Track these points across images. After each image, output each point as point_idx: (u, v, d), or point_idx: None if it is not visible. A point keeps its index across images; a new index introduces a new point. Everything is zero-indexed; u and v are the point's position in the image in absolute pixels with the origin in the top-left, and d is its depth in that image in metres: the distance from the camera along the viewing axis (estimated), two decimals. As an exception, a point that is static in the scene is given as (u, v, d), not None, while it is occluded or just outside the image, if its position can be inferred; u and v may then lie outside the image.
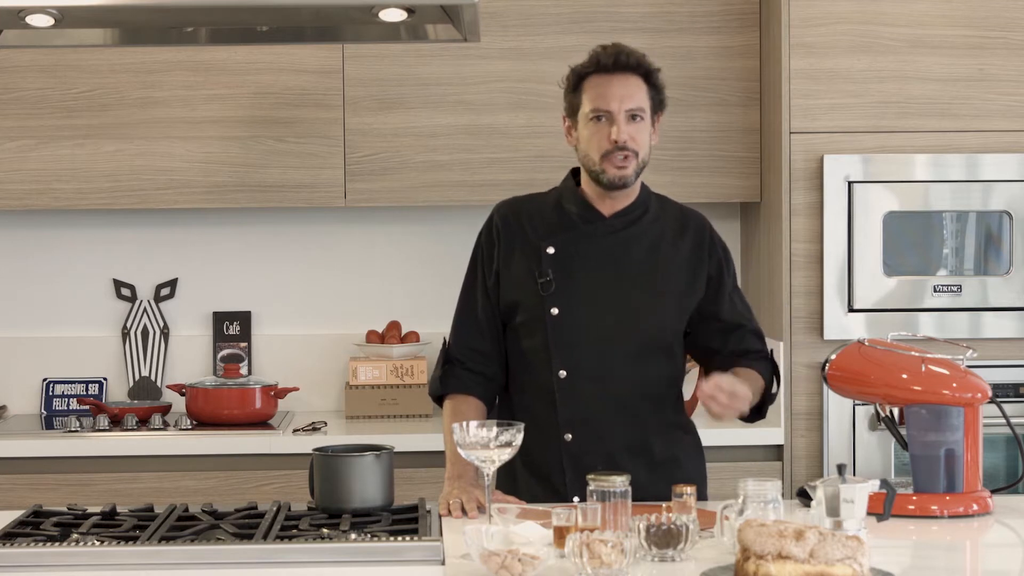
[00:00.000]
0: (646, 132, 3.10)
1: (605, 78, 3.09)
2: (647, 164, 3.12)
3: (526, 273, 3.15)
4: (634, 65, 3.10)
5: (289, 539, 2.65)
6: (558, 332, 3.12)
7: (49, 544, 2.61)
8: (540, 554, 2.43)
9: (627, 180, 3.09)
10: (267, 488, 3.97)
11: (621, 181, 3.09)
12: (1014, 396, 4.02)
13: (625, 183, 3.10)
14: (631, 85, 3.08)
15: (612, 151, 3.06)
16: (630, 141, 3.06)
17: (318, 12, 3.01)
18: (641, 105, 3.08)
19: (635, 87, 3.09)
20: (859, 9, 4.04)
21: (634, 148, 3.07)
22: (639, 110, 3.08)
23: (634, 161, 3.08)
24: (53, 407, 4.49)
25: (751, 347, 3.21)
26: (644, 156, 3.10)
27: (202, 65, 4.23)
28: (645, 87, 3.10)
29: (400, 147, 4.25)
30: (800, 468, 4.04)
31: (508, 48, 4.24)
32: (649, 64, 3.12)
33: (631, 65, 3.10)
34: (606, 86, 3.08)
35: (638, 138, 3.08)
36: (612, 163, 3.07)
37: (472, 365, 3.20)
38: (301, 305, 4.60)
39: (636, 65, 3.10)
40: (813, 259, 4.05)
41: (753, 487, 2.60)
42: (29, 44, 3.45)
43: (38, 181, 4.23)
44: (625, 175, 3.08)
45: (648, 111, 3.10)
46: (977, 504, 2.98)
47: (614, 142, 3.05)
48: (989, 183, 4.05)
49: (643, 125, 3.09)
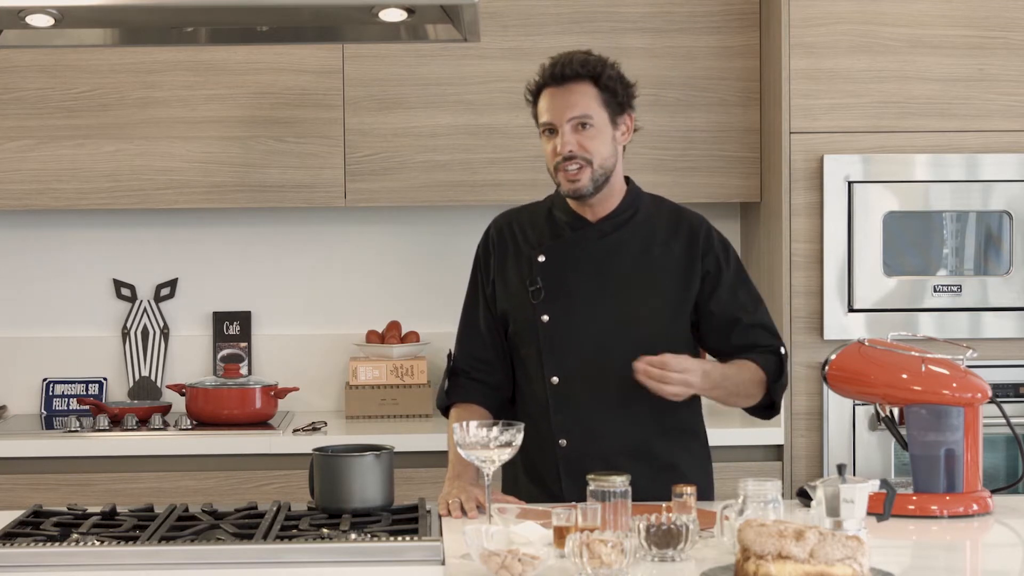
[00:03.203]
0: (598, 138, 3.06)
1: (552, 91, 3.08)
2: (610, 170, 3.08)
3: (519, 282, 3.16)
4: (580, 73, 3.06)
5: (289, 539, 2.65)
6: (549, 339, 3.12)
7: (49, 544, 2.61)
8: (540, 554, 2.43)
9: (582, 190, 3.07)
10: (267, 488, 3.97)
11: (575, 192, 3.07)
12: (1014, 396, 4.02)
13: (580, 194, 3.07)
14: (575, 93, 3.06)
15: (561, 162, 3.05)
16: (578, 150, 3.04)
17: (318, 12, 3.01)
18: (586, 112, 3.05)
19: (580, 94, 3.06)
20: (859, 9, 4.04)
21: (584, 156, 3.04)
22: (584, 117, 3.05)
23: (588, 170, 3.05)
24: (53, 407, 4.49)
25: (758, 342, 3.16)
26: (601, 162, 3.06)
27: (202, 65, 4.23)
28: (595, 91, 3.06)
29: (400, 147, 4.25)
30: (800, 468, 4.04)
31: (508, 48, 4.24)
32: (598, 67, 3.07)
33: (577, 73, 3.06)
34: (551, 98, 3.07)
35: (588, 146, 3.05)
36: (565, 174, 3.06)
37: (476, 375, 3.21)
38: (301, 305, 4.60)
39: (581, 73, 3.06)
40: (813, 259, 4.05)
41: (753, 487, 2.60)
42: (29, 44, 3.46)
43: (38, 181, 4.23)
44: (578, 187, 3.06)
45: (601, 115, 3.06)
46: (977, 504, 2.98)
47: (559, 154, 3.05)
48: (989, 183, 4.05)
49: (593, 132, 3.05)
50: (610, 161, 3.08)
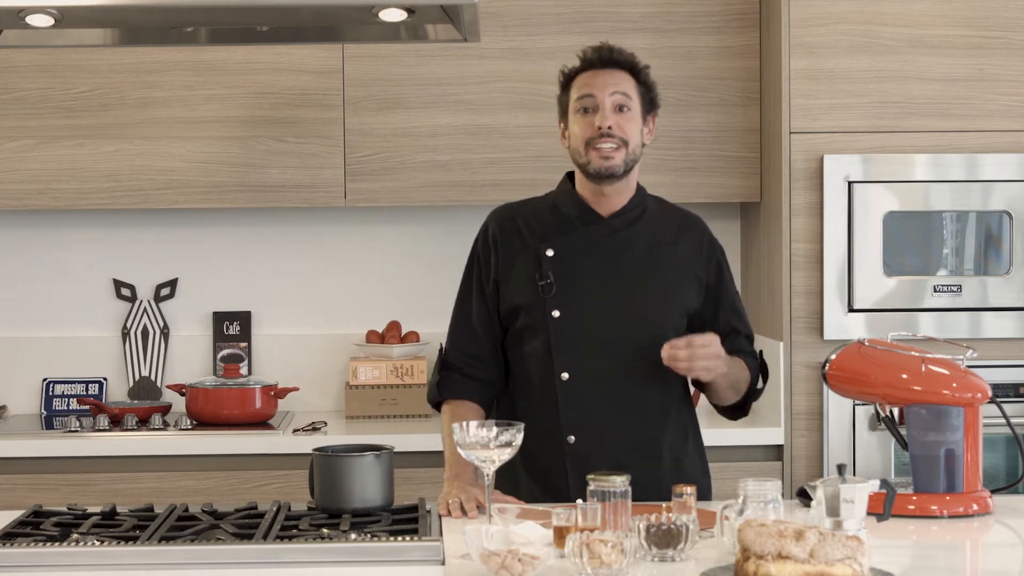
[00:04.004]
0: (635, 124, 3.09)
1: (592, 73, 3.11)
2: (638, 159, 3.11)
3: (526, 277, 3.15)
4: (621, 61, 3.12)
5: (289, 539, 2.65)
6: (560, 335, 3.12)
7: (49, 544, 2.61)
8: (540, 554, 2.43)
9: (614, 170, 3.07)
10: (267, 488, 3.97)
11: (608, 171, 3.07)
12: (1014, 396, 4.02)
13: (612, 173, 3.07)
14: (617, 76, 3.10)
15: (597, 137, 3.05)
16: (616, 128, 3.06)
17: (318, 12, 3.01)
18: (628, 93, 3.08)
19: (622, 79, 3.10)
20: (859, 9, 4.04)
21: (621, 136, 3.06)
22: (625, 98, 3.07)
23: (623, 151, 3.06)
24: (53, 407, 4.49)
25: (743, 349, 3.23)
26: (634, 147, 3.08)
27: (202, 65, 4.23)
28: (633, 82, 3.11)
29: (400, 147, 4.25)
30: (800, 468, 4.04)
31: (508, 48, 4.24)
32: (637, 62, 3.14)
33: (618, 61, 3.12)
34: (592, 78, 3.10)
35: (626, 127, 3.07)
36: (598, 152, 3.06)
37: (469, 371, 3.20)
38: (301, 305, 4.60)
39: (623, 61, 3.12)
40: (813, 259, 4.05)
41: (753, 487, 2.60)
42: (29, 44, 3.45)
43: (38, 181, 4.23)
44: (611, 165, 3.06)
45: (637, 104, 3.09)
46: (977, 504, 2.98)
47: (598, 128, 3.05)
48: (989, 183, 4.05)
49: (631, 116, 3.08)
50: (639, 151, 3.11)
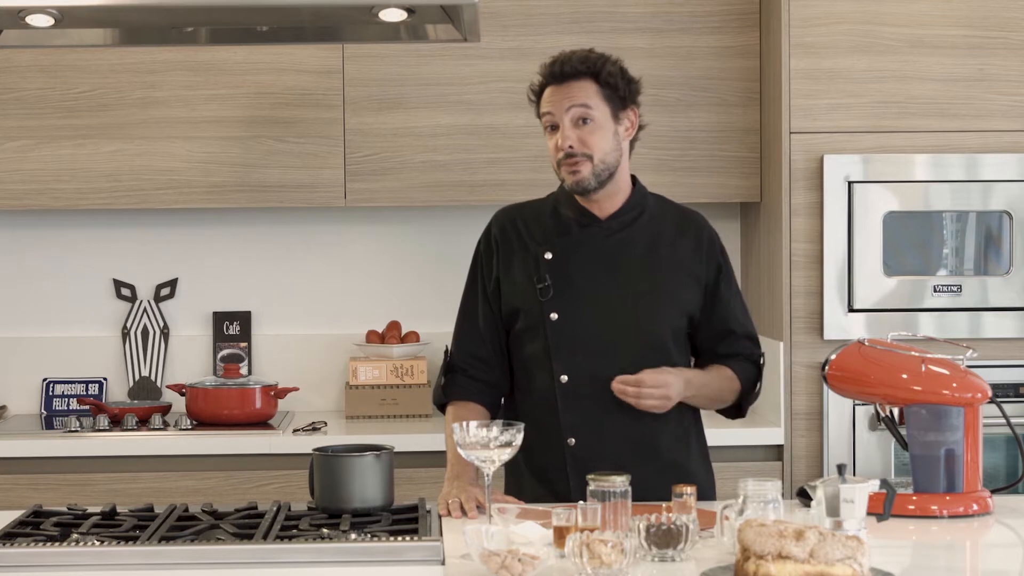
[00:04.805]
0: (599, 133, 3.07)
1: (553, 88, 3.10)
2: (612, 165, 3.09)
3: (525, 279, 3.15)
4: (579, 70, 3.08)
5: (289, 539, 2.65)
6: (558, 337, 3.12)
7: (49, 544, 2.61)
8: (540, 554, 2.43)
9: (584, 185, 3.08)
10: (267, 488, 3.97)
11: (578, 185, 3.09)
12: (1014, 396, 4.02)
13: (583, 187, 3.09)
14: (575, 89, 3.08)
15: (563, 158, 3.08)
16: (578, 146, 3.06)
17: (318, 12, 3.01)
18: (587, 103, 3.06)
19: (579, 90, 3.08)
20: (859, 9, 4.04)
21: (585, 152, 3.06)
22: (585, 110, 3.06)
23: (588, 164, 3.07)
24: (53, 407, 4.49)
25: (741, 351, 3.22)
26: (602, 157, 3.08)
27: (202, 65, 4.23)
28: (595, 87, 3.08)
29: (400, 147, 4.25)
30: (800, 468, 4.04)
31: (508, 48, 4.24)
32: (597, 63, 3.09)
33: (577, 70, 3.08)
34: (552, 94, 3.10)
35: (588, 141, 3.06)
36: (567, 169, 3.09)
37: (474, 372, 3.20)
38: (301, 305, 4.60)
39: (580, 69, 3.08)
40: (813, 259, 4.05)
41: (753, 487, 2.60)
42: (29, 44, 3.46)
43: (38, 181, 4.23)
44: (579, 179, 3.08)
45: (601, 110, 3.07)
46: (977, 504, 2.98)
47: (560, 150, 3.07)
48: (989, 183, 4.05)
49: (593, 127, 3.07)
50: (612, 156, 3.09)
